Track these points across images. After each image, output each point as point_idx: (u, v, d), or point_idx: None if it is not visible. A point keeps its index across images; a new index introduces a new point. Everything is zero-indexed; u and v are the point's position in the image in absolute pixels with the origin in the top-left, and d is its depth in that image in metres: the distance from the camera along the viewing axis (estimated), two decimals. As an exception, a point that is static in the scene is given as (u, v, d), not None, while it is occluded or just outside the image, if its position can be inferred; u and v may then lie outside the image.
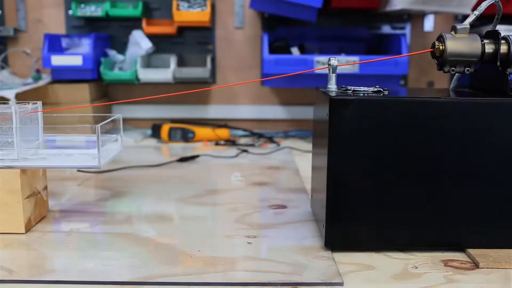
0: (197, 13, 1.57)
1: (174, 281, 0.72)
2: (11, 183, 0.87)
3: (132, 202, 1.09)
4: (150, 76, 1.61)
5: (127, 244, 0.85)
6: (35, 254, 0.81)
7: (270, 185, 1.20)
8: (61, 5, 1.76)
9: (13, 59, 1.78)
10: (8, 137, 0.88)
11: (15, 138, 0.86)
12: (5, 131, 0.88)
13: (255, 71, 1.80)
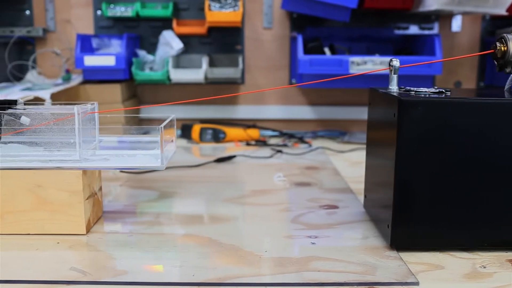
0: (229, 13, 1.57)
1: (251, 282, 0.73)
2: (73, 184, 0.87)
3: (183, 203, 1.09)
4: (182, 76, 1.61)
5: (191, 245, 0.85)
6: (103, 255, 0.81)
7: (314, 186, 1.21)
8: (89, 5, 1.75)
9: (41, 60, 1.78)
10: (68, 138, 0.88)
11: (77, 139, 0.86)
12: (66, 132, 0.88)
13: (283, 71, 1.80)
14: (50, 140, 0.89)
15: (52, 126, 0.88)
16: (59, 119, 0.87)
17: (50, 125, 0.88)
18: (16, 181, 0.87)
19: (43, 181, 0.87)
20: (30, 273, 0.75)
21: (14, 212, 0.88)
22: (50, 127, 0.88)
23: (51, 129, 0.89)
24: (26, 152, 0.90)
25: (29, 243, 0.86)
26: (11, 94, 1.49)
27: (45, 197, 0.88)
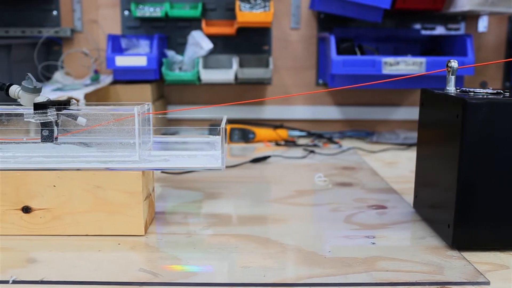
0: (260, 13, 1.57)
1: (325, 282, 0.73)
2: (133, 185, 0.87)
3: (231, 203, 1.09)
4: (212, 76, 1.61)
5: (253, 246, 0.86)
6: (167, 256, 0.81)
7: (356, 186, 1.21)
8: (117, 5, 1.75)
9: (68, 60, 1.77)
10: (127, 138, 0.88)
11: (137, 139, 0.86)
12: (124, 133, 0.88)
13: (310, 71, 1.80)
14: (108, 141, 0.89)
15: (110, 127, 0.88)
16: (118, 119, 0.87)
17: (108, 125, 0.88)
18: (75, 182, 0.87)
19: (103, 182, 0.87)
20: (100, 274, 0.75)
21: (73, 213, 0.88)
22: (108, 128, 0.88)
23: (109, 129, 0.89)
24: (81, 152, 0.90)
25: (90, 244, 0.86)
26: (44, 95, 1.49)
27: (104, 198, 0.88)
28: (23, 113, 0.89)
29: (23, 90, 0.91)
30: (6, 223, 0.88)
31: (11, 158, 0.88)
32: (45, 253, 0.82)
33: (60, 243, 0.86)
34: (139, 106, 0.87)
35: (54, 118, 0.87)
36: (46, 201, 0.88)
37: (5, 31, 1.72)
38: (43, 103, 0.86)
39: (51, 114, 0.86)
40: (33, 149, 0.91)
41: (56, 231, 0.89)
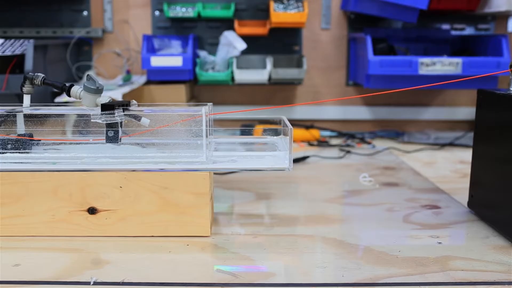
0: (294, 14, 1.57)
1: (404, 282, 0.73)
2: (200, 186, 0.87)
3: (286, 204, 1.09)
4: (246, 77, 1.61)
5: (321, 246, 0.86)
6: (239, 257, 0.81)
7: (402, 186, 1.21)
8: (147, 5, 1.75)
9: (98, 60, 1.77)
10: (193, 139, 0.88)
11: (205, 140, 0.86)
12: (190, 134, 0.88)
13: (340, 72, 1.81)
14: (172, 141, 0.89)
15: (176, 128, 0.88)
16: (185, 119, 0.87)
17: (173, 126, 0.88)
18: (142, 183, 0.87)
19: (170, 183, 0.87)
20: (179, 276, 0.75)
21: (138, 214, 0.88)
22: (173, 129, 0.88)
23: (174, 130, 0.89)
24: (144, 153, 0.90)
25: (158, 245, 0.86)
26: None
27: (171, 199, 0.88)
28: (86, 114, 0.90)
29: (85, 90, 0.91)
30: (72, 224, 0.88)
31: (78, 159, 0.88)
32: (116, 254, 0.82)
33: (128, 244, 0.86)
34: (206, 106, 0.87)
35: (121, 119, 0.87)
36: (112, 202, 0.88)
37: (36, 32, 1.72)
38: (111, 104, 0.86)
39: (118, 115, 0.86)
40: (93, 150, 0.92)
41: (121, 232, 0.89)
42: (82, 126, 0.96)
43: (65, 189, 0.87)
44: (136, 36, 1.75)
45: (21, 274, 0.75)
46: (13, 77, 1.41)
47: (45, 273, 0.75)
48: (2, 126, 0.96)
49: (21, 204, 0.88)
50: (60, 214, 0.88)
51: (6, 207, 0.88)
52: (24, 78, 0.95)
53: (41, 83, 0.95)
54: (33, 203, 0.88)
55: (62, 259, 0.80)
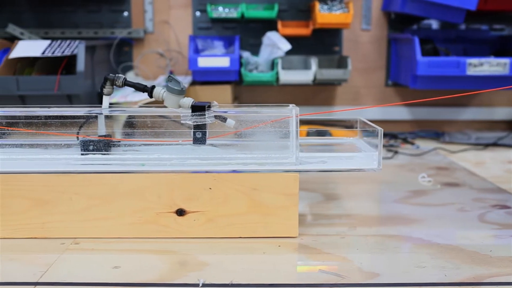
0: (339, 15, 1.58)
1: (508, 281, 0.74)
2: (289, 187, 0.87)
3: (357, 204, 1.10)
4: (291, 77, 1.61)
5: (409, 246, 0.86)
6: (335, 257, 0.81)
7: (463, 186, 1.22)
8: (188, 6, 1.75)
9: (138, 60, 1.77)
10: (280, 140, 0.89)
11: (294, 141, 0.87)
12: (277, 135, 0.88)
13: (380, 72, 1.82)
14: (260, 143, 0.89)
15: (266, 129, 0.88)
16: (274, 120, 0.88)
17: (262, 127, 0.88)
18: (231, 185, 0.87)
19: (259, 184, 0.87)
20: (284, 276, 0.75)
21: (227, 215, 0.88)
22: (260, 130, 0.88)
23: (261, 132, 0.89)
24: (228, 154, 0.90)
25: (250, 246, 0.86)
26: (130, 95, 1.48)
27: (260, 200, 0.88)
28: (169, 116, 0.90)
29: (169, 91, 0.91)
30: (159, 226, 0.88)
31: (167, 160, 0.88)
32: (212, 255, 0.82)
33: (219, 245, 0.86)
34: (296, 108, 0.87)
35: (211, 120, 0.87)
36: (201, 204, 0.88)
37: (78, 33, 1.71)
38: (201, 105, 0.86)
39: (208, 116, 0.86)
40: (174, 151, 0.92)
41: (209, 233, 0.89)
42: (158, 127, 0.96)
43: (153, 190, 0.87)
44: (176, 36, 1.75)
45: (125, 276, 0.75)
46: (64, 78, 1.40)
47: (148, 275, 0.75)
48: (83, 127, 0.96)
49: (108, 206, 0.88)
50: (148, 216, 0.88)
51: (94, 208, 0.88)
52: (104, 79, 0.95)
53: (122, 84, 0.95)
54: (120, 204, 0.88)
55: (159, 261, 0.80)
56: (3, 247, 0.85)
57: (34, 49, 1.46)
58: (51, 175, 0.87)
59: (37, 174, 0.87)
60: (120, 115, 1.02)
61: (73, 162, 0.89)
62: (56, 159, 0.91)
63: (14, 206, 0.88)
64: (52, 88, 1.40)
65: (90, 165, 0.88)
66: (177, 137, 0.96)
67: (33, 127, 0.95)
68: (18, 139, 0.96)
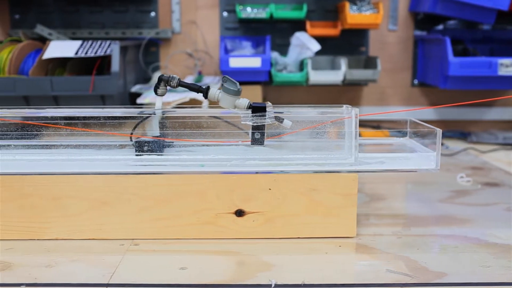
0: (370, 15, 1.58)
1: None
2: (348, 187, 0.87)
3: (403, 204, 1.11)
4: (321, 77, 1.62)
5: (470, 246, 0.86)
6: (397, 257, 0.82)
7: (503, 186, 1.23)
8: (215, 6, 1.75)
9: (165, 61, 1.76)
10: (337, 141, 0.89)
11: (353, 142, 0.87)
12: (334, 135, 0.88)
13: (406, 72, 1.83)
14: (316, 143, 0.90)
15: (325, 129, 0.88)
16: (333, 120, 0.88)
17: (320, 128, 0.89)
18: (290, 185, 0.87)
19: (318, 184, 0.88)
20: (352, 277, 0.76)
21: (286, 216, 0.89)
22: (320, 130, 0.89)
23: (318, 132, 0.89)
24: (282, 155, 0.90)
25: (311, 246, 0.86)
26: (164, 96, 1.48)
27: (319, 200, 0.88)
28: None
29: (225, 92, 0.91)
30: (218, 227, 0.88)
31: (226, 161, 0.88)
32: (275, 256, 0.82)
33: (281, 246, 0.86)
34: (356, 108, 0.88)
35: (272, 121, 0.87)
36: (260, 204, 0.88)
37: (106, 33, 1.71)
38: (262, 106, 0.87)
39: (269, 117, 0.86)
40: (229, 152, 0.92)
41: (267, 234, 0.89)
42: (209, 127, 0.96)
43: (213, 191, 0.87)
44: (203, 37, 1.75)
45: (193, 277, 0.75)
46: (98, 79, 1.40)
47: (218, 276, 0.75)
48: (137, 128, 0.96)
49: (167, 207, 0.88)
50: (206, 217, 0.88)
51: (152, 209, 0.88)
52: (159, 79, 0.95)
53: (177, 85, 0.95)
54: (179, 205, 0.88)
55: (224, 262, 0.80)
56: (63, 248, 0.85)
57: (66, 50, 1.46)
58: (110, 176, 0.87)
59: (95, 175, 0.87)
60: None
61: (131, 163, 0.88)
62: (111, 160, 0.91)
63: (72, 208, 0.88)
64: (85, 88, 1.40)
65: (150, 166, 0.88)
66: (226, 137, 0.96)
67: (86, 128, 0.95)
68: (73, 139, 0.96)
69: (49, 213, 0.89)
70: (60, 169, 0.88)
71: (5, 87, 1.40)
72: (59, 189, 0.88)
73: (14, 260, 0.81)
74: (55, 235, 0.89)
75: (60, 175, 0.88)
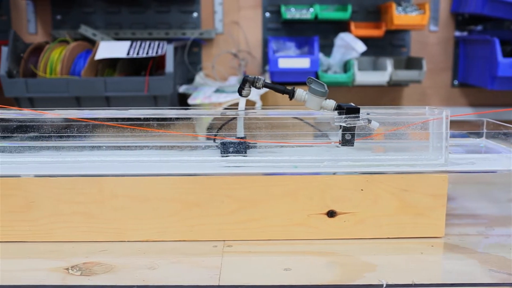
0: (415, 16, 1.59)
1: None
2: (439, 188, 0.88)
3: (476, 204, 1.10)
4: (367, 78, 1.62)
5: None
6: (492, 257, 0.82)
7: (562, 185, 1.25)
8: (258, 7, 1.75)
9: (207, 61, 1.77)
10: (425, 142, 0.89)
11: (444, 142, 0.88)
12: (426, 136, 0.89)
13: (446, 73, 1.84)
14: (402, 144, 0.90)
15: (414, 131, 0.89)
16: (423, 121, 0.89)
17: (407, 129, 0.89)
18: (382, 186, 0.88)
19: (409, 185, 0.88)
20: (450, 276, 0.76)
21: (376, 216, 0.89)
22: (409, 131, 0.89)
23: (405, 133, 0.90)
24: (374, 156, 0.91)
25: (405, 247, 0.86)
26: (213, 96, 1.48)
27: (409, 201, 0.88)
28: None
29: (312, 93, 0.92)
30: (310, 228, 0.89)
31: (319, 162, 0.88)
32: (372, 256, 0.82)
33: (374, 246, 0.86)
34: (446, 109, 0.88)
35: (365, 123, 0.87)
36: (352, 205, 0.88)
37: (149, 33, 1.71)
38: (355, 108, 0.87)
39: (362, 118, 0.87)
40: (314, 153, 0.92)
41: (357, 234, 0.89)
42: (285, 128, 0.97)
43: (305, 192, 0.88)
44: (246, 37, 1.75)
45: (300, 278, 0.75)
46: (152, 79, 1.40)
47: (324, 276, 0.75)
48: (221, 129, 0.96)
49: (258, 208, 0.88)
50: (298, 218, 0.88)
51: (244, 211, 0.88)
52: (243, 80, 0.95)
53: (262, 86, 0.95)
54: (271, 206, 0.88)
55: (325, 262, 0.80)
56: (157, 250, 0.85)
57: (117, 50, 1.45)
58: (201, 177, 0.87)
59: (185, 177, 0.87)
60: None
61: (223, 164, 0.89)
62: (198, 161, 0.91)
63: (162, 209, 0.88)
64: (139, 89, 1.40)
65: (243, 167, 0.88)
66: (308, 139, 0.97)
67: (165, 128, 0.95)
68: (154, 141, 0.96)
69: (139, 214, 0.89)
70: (150, 171, 0.88)
71: (58, 88, 1.40)
72: (149, 191, 0.88)
73: (113, 261, 0.81)
74: (145, 236, 0.89)
75: (150, 177, 0.88)
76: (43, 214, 0.87)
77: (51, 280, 0.75)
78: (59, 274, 0.76)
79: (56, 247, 0.86)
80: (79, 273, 0.77)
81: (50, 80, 1.39)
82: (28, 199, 0.87)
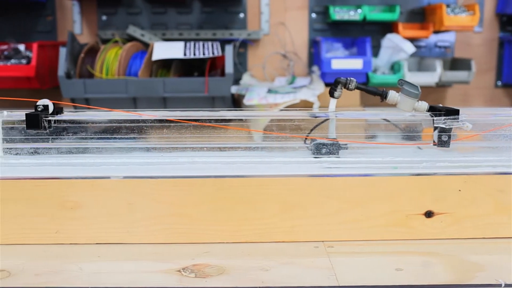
0: (465, 17, 1.61)
1: None
2: None
3: None
4: (417, 79, 1.63)
5: None
6: None
7: None
8: (304, 8, 1.76)
9: (253, 61, 1.77)
10: None
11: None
12: None
13: (490, 73, 1.86)
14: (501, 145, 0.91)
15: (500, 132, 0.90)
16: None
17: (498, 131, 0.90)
18: (479, 186, 0.88)
19: (505, 186, 0.89)
20: None
21: (472, 216, 0.90)
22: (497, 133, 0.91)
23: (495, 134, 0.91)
24: (445, 157, 0.92)
25: (505, 247, 0.86)
26: (269, 97, 1.48)
27: (505, 201, 0.89)
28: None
29: (405, 95, 0.92)
30: (407, 228, 0.89)
31: (417, 163, 0.89)
32: (477, 256, 0.83)
33: (473, 246, 0.86)
34: None
35: (463, 124, 0.88)
36: (449, 206, 0.89)
37: (196, 34, 1.71)
38: (455, 110, 0.88)
39: (461, 120, 0.87)
40: (399, 154, 0.93)
41: (453, 234, 0.90)
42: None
43: (405, 193, 0.88)
44: (292, 38, 1.75)
45: (414, 278, 0.75)
46: (212, 80, 1.40)
47: (437, 276, 0.76)
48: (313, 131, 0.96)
49: (358, 209, 0.88)
50: (397, 218, 0.89)
51: (344, 211, 0.88)
52: (335, 82, 0.95)
53: (355, 88, 0.95)
54: (370, 207, 0.88)
55: (432, 262, 0.81)
56: (260, 251, 0.84)
57: (173, 51, 1.45)
58: (302, 178, 0.87)
59: (285, 178, 0.87)
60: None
61: (324, 165, 0.89)
62: (293, 162, 0.91)
63: (264, 210, 0.88)
64: (198, 90, 1.39)
65: (344, 169, 0.88)
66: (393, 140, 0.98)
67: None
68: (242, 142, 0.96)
69: (241, 215, 0.89)
70: (248, 172, 0.88)
71: (116, 89, 1.39)
72: (253, 193, 0.88)
73: (221, 263, 0.80)
74: (246, 238, 0.89)
75: (248, 178, 0.88)
76: (141, 216, 0.87)
77: (169, 282, 0.75)
78: (174, 276, 0.76)
79: (155, 249, 0.85)
80: (193, 275, 0.77)
81: (108, 81, 1.38)
82: (127, 201, 0.87)
